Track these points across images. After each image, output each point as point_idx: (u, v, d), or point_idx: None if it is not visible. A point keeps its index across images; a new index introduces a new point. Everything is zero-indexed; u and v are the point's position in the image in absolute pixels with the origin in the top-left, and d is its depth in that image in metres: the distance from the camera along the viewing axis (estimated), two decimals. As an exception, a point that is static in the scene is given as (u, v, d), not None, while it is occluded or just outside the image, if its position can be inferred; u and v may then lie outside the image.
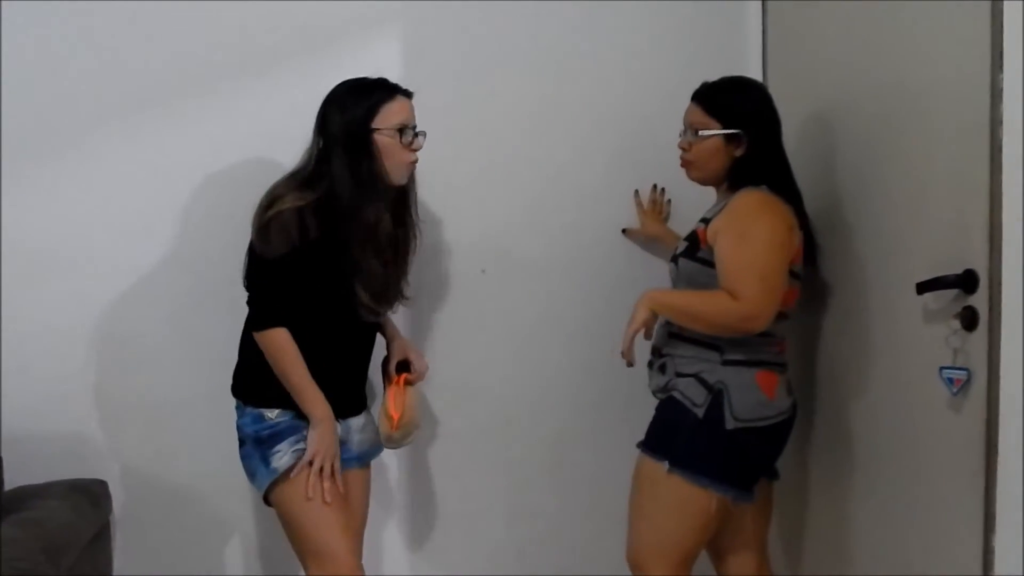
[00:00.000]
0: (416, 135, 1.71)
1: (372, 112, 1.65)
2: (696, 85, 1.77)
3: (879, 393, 1.71)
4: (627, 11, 2.16)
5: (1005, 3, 1.33)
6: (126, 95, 1.96)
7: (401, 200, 1.76)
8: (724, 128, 1.70)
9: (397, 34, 2.06)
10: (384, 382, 1.89)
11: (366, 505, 1.84)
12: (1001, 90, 1.34)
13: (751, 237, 1.61)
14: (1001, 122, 1.34)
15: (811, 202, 1.96)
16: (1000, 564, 1.35)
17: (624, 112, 2.10)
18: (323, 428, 1.64)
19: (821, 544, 1.99)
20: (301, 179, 1.64)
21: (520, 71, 2.13)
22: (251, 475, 1.68)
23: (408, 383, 1.82)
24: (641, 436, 1.75)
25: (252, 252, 1.64)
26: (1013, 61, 1.32)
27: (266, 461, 1.64)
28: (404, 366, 1.85)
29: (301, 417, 1.66)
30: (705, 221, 1.72)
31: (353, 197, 1.61)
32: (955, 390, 1.44)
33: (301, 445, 1.65)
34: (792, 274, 1.68)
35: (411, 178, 1.77)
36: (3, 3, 1.87)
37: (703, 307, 1.64)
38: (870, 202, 1.74)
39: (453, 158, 2.11)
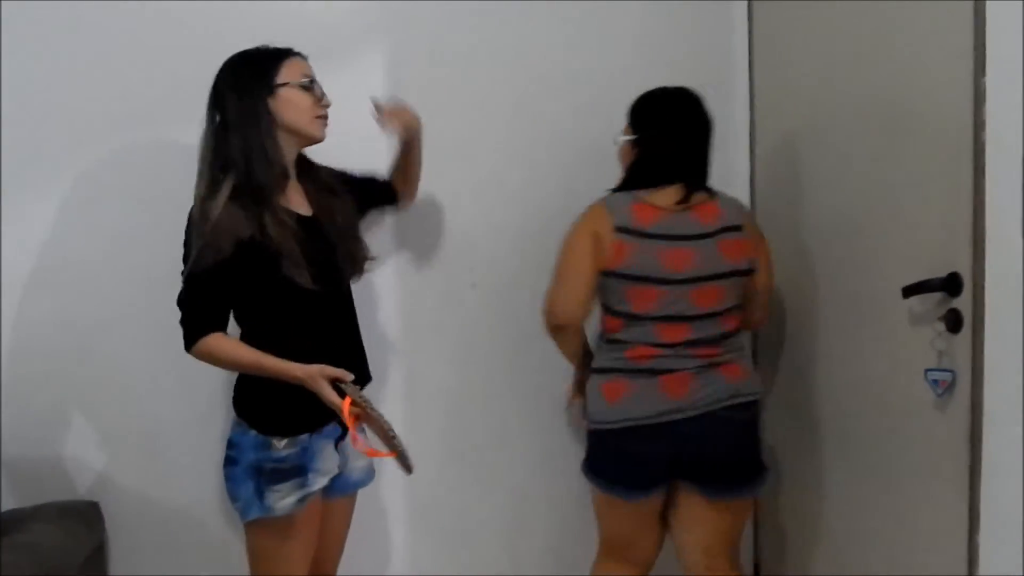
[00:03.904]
0: (323, 93, 1.62)
1: (272, 72, 1.56)
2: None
3: (866, 395, 1.72)
4: (614, 15, 2.12)
5: (988, 6, 1.32)
6: (109, 115, 1.91)
7: (310, 169, 1.68)
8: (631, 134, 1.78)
9: (380, 49, 2.02)
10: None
11: (346, 532, 1.79)
12: (984, 93, 1.34)
13: (564, 242, 1.77)
14: (984, 125, 1.35)
15: (797, 206, 1.96)
16: (984, 562, 1.38)
17: (615, 121, 2.08)
18: (310, 382, 1.50)
19: (808, 543, 2.02)
20: (208, 179, 1.54)
21: (507, 79, 2.09)
22: (235, 498, 1.59)
23: (355, 406, 1.51)
24: None
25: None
26: (996, 64, 1.32)
27: (261, 495, 1.56)
28: (339, 390, 1.54)
29: (307, 450, 1.58)
30: None
31: (261, 176, 1.52)
32: (940, 391, 1.46)
33: (306, 490, 1.57)
34: (622, 276, 1.68)
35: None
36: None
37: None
38: (855, 206, 1.74)
39: (443, 171, 2.08)
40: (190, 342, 1.55)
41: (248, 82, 1.56)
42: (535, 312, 2.13)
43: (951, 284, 1.43)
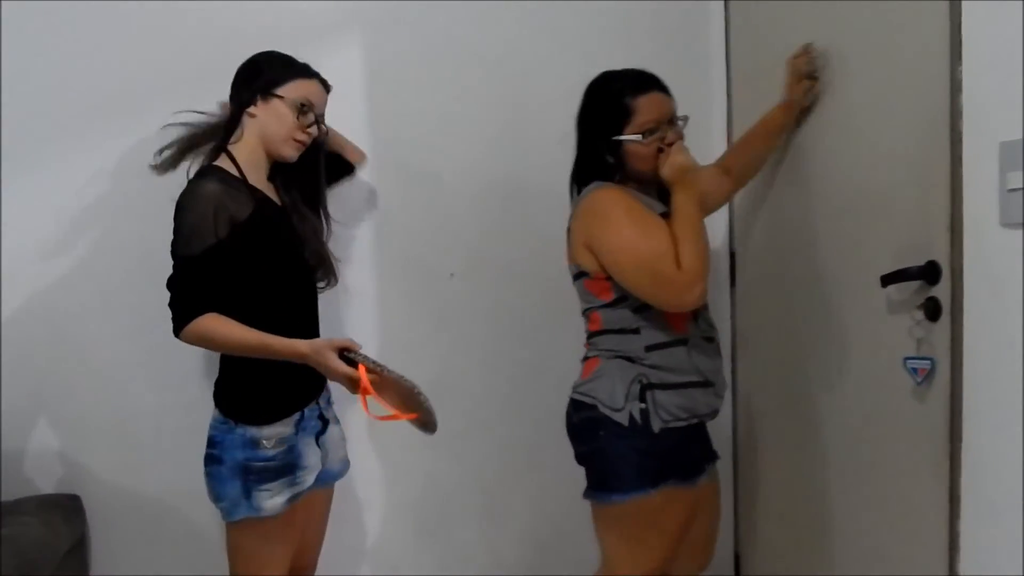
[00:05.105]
0: (317, 122, 1.64)
1: (278, 81, 1.59)
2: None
3: (846, 384, 1.73)
4: (589, 11, 2.14)
5: (963, -3, 1.33)
6: (83, 105, 1.91)
7: (314, 187, 1.72)
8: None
9: (358, 40, 2.03)
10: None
11: (326, 522, 1.78)
12: (960, 82, 1.35)
13: None
14: (961, 114, 1.35)
15: (774, 198, 1.97)
16: (965, 550, 1.38)
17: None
18: (318, 358, 1.46)
19: (788, 533, 2.02)
20: (204, 162, 1.59)
21: (482, 74, 2.11)
22: (220, 498, 1.57)
23: (371, 373, 1.44)
24: None
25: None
26: (972, 53, 1.33)
27: (249, 495, 1.54)
28: (348, 360, 1.48)
29: (294, 449, 1.57)
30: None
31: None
32: (919, 379, 1.47)
33: (296, 488, 1.57)
34: None
35: (317, 168, 1.72)
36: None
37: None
38: (833, 195, 1.75)
39: (419, 161, 2.09)
40: (182, 323, 1.50)
41: (252, 80, 1.61)
42: (514, 302, 2.15)
43: (929, 272, 1.44)
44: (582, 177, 1.69)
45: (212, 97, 1.76)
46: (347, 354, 1.48)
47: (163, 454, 1.94)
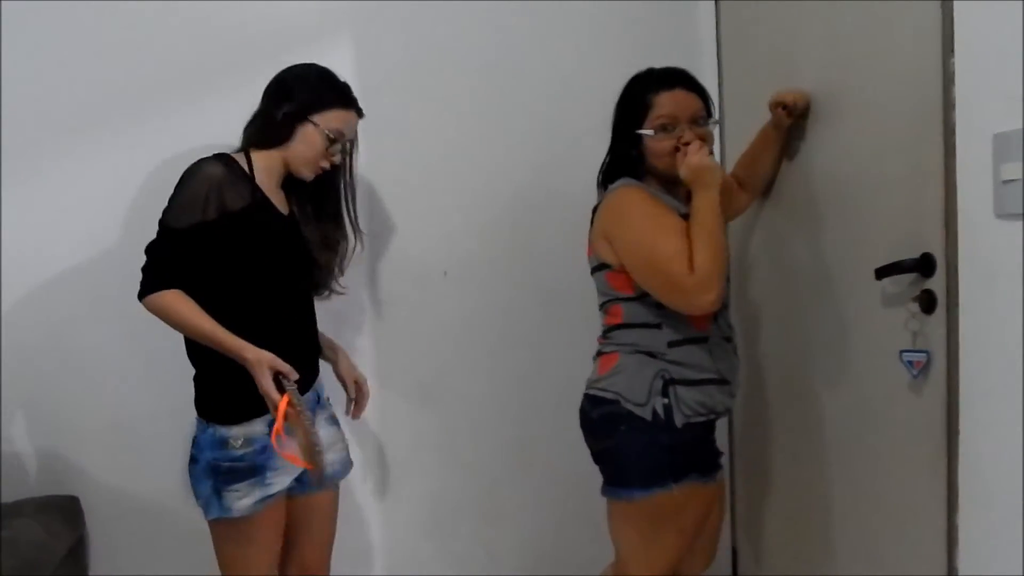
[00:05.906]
0: (341, 151, 1.68)
1: (317, 108, 1.62)
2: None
3: (841, 377, 1.73)
4: (580, 12, 2.15)
5: (955, -13, 1.33)
6: (83, 105, 1.92)
7: (331, 199, 1.74)
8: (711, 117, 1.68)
9: (349, 40, 2.05)
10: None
11: (334, 524, 1.78)
12: (953, 74, 1.35)
13: None
14: (954, 106, 1.35)
15: (768, 192, 1.98)
16: (963, 543, 1.37)
17: (580, 112, 2.10)
18: (256, 367, 1.49)
19: (786, 526, 2.02)
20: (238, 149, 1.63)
21: (474, 73, 2.12)
22: (197, 496, 1.59)
23: (291, 407, 1.49)
24: None
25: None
26: (964, 45, 1.33)
27: (219, 495, 1.55)
28: (279, 384, 1.52)
29: (266, 449, 1.55)
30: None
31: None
32: (915, 372, 1.47)
33: (265, 491, 1.56)
34: None
35: (348, 184, 1.76)
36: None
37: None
38: (827, 189, 1.75)
39: (412, 161, 2.10)
40: (148, 291, 1.53)
41: (288, 99, 1.62)
42: (507, 300, 2.15)
43: (924, 265, 1.44)
44: (610, 171, 1.69)
45: (211, 97, 1.78)
46: (281, 379, 1.51)
47: (161, 455, 1.94)
